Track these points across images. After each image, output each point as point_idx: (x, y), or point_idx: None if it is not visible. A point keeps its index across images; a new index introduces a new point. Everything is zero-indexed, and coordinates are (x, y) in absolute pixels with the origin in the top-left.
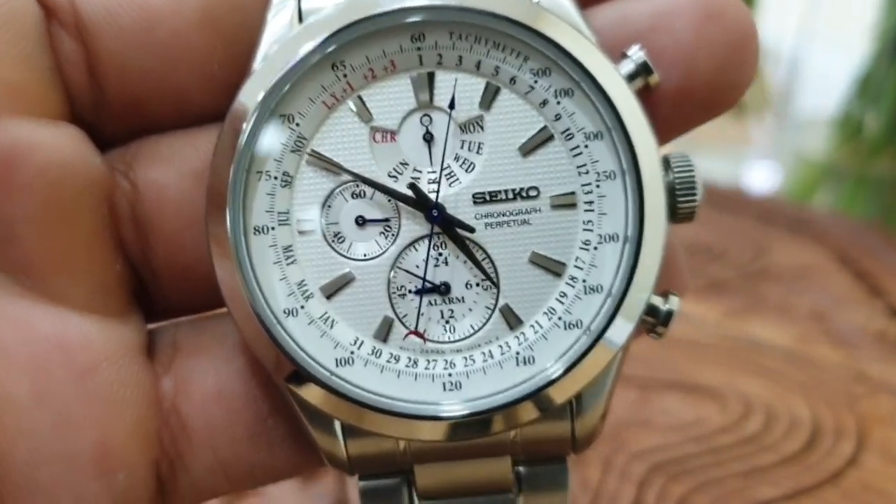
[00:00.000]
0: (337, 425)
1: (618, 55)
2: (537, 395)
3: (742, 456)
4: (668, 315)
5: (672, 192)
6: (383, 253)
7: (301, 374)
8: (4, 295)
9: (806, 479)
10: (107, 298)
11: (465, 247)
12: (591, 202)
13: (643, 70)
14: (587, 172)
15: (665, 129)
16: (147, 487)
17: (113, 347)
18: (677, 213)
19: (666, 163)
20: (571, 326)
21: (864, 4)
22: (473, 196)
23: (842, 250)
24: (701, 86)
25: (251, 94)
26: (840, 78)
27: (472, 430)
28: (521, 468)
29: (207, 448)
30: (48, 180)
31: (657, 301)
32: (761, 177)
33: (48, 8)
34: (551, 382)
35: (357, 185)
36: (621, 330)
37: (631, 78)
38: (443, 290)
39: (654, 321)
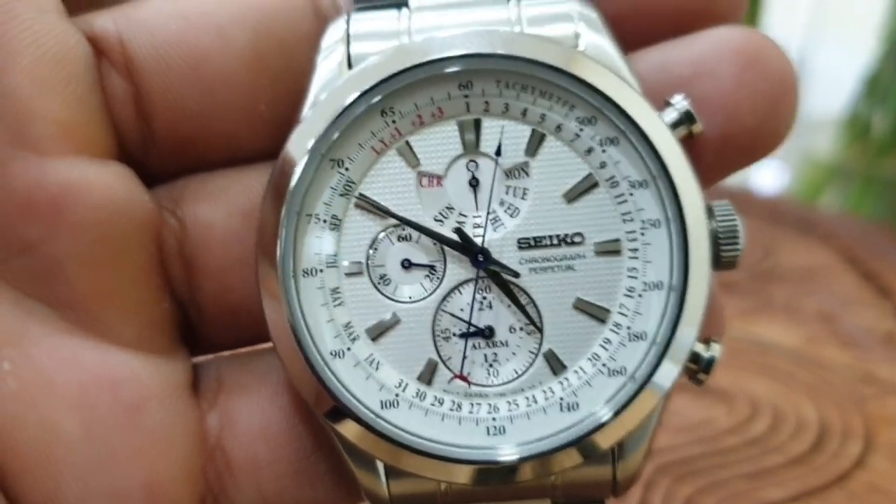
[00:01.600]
0: (380, 465)
1: (660, 101)
2: (582, 442)
3: (749, 457)
4: (710, 362)
5: (715, 241)
6: (429, 296)
7: (345, 415)
8: (53, 331)
9: (813, 481)
10: (154, 336)
11: (509, 291)
12: (635, 249)
13: (687, 119)
14: (632, 220)
15: (707, 176)
16: None
17: (160, 384)
18: (721, 260)
19: (709, 211)
20: (615, 373)
21: (871, 5)
22: (518, 241)
23: (849, 251)
24: (743, 133)
25: (301, 140)
26: (847, 78)
27: (515, 474)
28: None
29: (252, 484)
30: (98, 219)
31: (700, 348)
32: (768, 177)
33: (98, 46)
34: (597, 428)
35: (403, 229)
36: (666, 376)
37: (675, 126)
38: (487, 333)
39: (697, 368)
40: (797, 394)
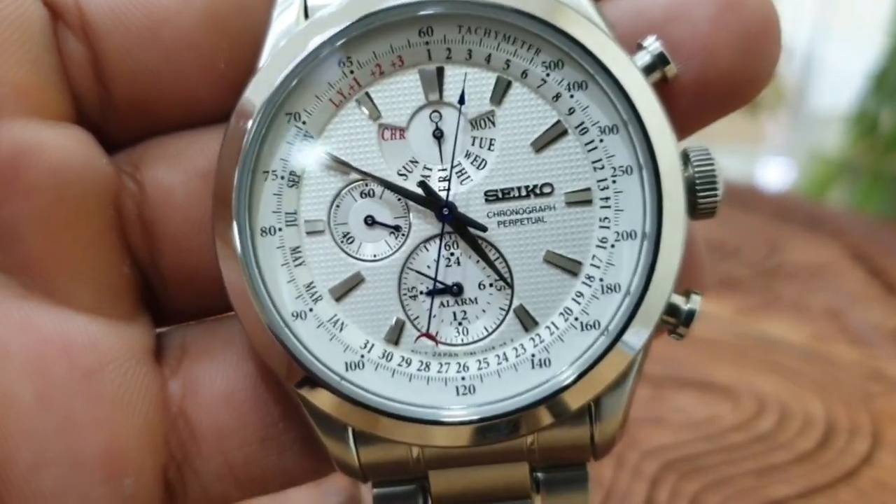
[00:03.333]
0: (348, 432)
1: (633, 46)
2: (552, 400)
3: (755, 454)
4: (690, 315)
5: (692, 188)
6: (394, 253)
7: (311, 380)
8: (7, 296)
9: (820, 478)
10: (113, 301)
11: (477, 246)
12: (607, 198)
13: (660, 61)
14: (603, 168)
15: (684, 123)
16: (154, 492)
17: (119, 350)
18: (697, 208)
19: (685, 157)
20: (589, 327)
21: (878, 1)
22: (485, 194)
23: (857, 247)
24: (720, 77)
25: (257, 92)
26: (855, 74)
27: (487, 435)
28: (539, 474)
29: (217, 452)
30: (54, 182)
31: (678, 300)
32: (775, 174)
33: (54, 9)
34: (566, 387)
35: (366, 185)
36: (640, 332)
37: (647, 70)
38: (455, 290)
39: (676, 321)
40: (804, 391)
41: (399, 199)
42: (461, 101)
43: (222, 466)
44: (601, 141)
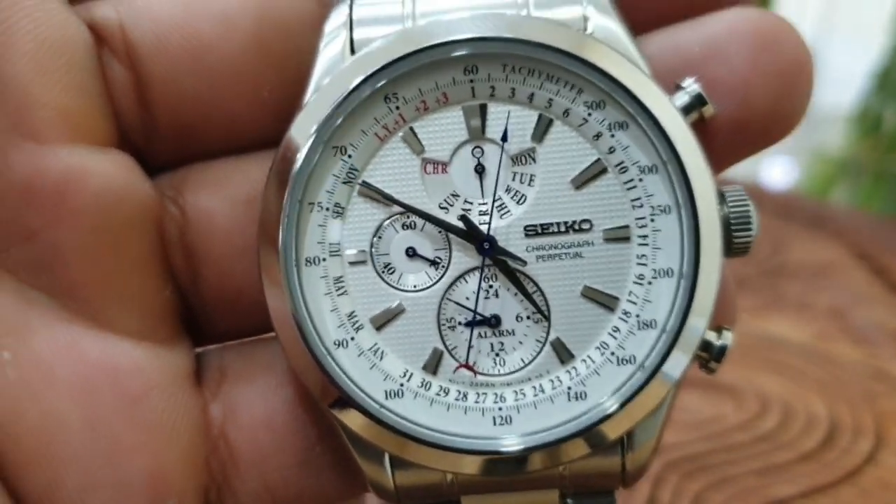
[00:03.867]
0: (385, 456)
1: (670, 84)
2: (590, 432)
3: (758, 453)
4: (722, 350)
5: (727, 227)
6: (434, 284)
7: (349, 405)
8: (54, 321)
9: (823, 477)
10: (156, 325)
11: (516, 279)
12: (645, 236)
13: (698, 102)
14: (641, 206)
15: (719, 160)
16: None
17: (162, 374)
18: (732, 247)
19: (721, 196)
20: (625, 362)
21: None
22: (525, 228)
23: (860, 246)
24: (756, 117)
25: (304, 126)
26: (858, 73)
27: (523, 465)
28: (569, 500)
29: (256, 474)
30: (98, 207)
31: (711, 336)
32: (779, 173)
33: (98, 33)
34: (605, 418)
35: (408, 217)
36: (677, 365)
37: (686, 110)
38: (493, 322)
39: (708, 356)
40: (807, 390)
41: (440, 232)
42: (504, 138)
43: (261, 488)
44: (640, 180)
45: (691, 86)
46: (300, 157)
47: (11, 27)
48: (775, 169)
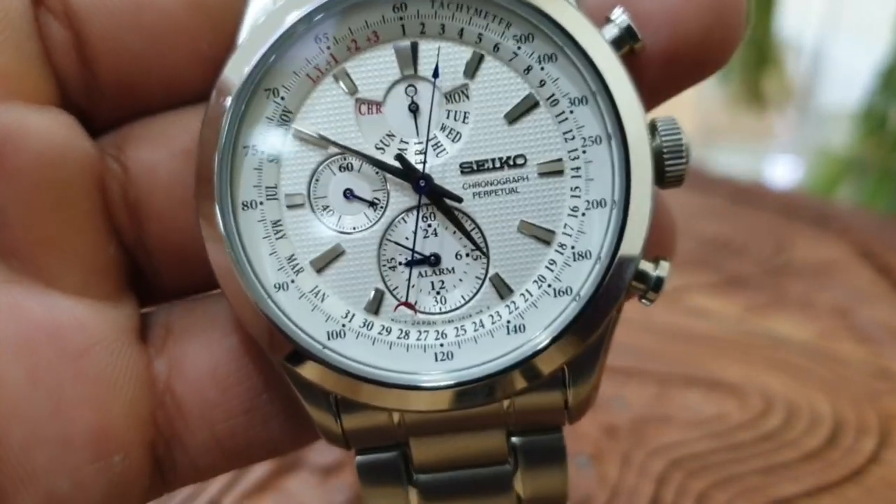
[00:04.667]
0: (331, 400)
1: (600, 18)
2: (526, 364)
3: (762, 452)
4: (659, 281)
5: (660, 157)
6: (373, 225)
7: (295, 350)
8: None
9: (827, 476)
10: (100, 282)
11: (453, 217)
12: (577, 168)
13: (627, 34)
14: (573, 138)
15: (653, 93)
16: (144, 468)
17: (106, 331)
18: (665, 177)
19: (653, 127)
20: (561, 293)
21: None
22: (461, 166)
23: (864, 245)
24: (689, 48)
25: (236, 69)
26: (863, 71)
27: (464, 399)
28: (516, 439)
29: (203, 426)
30: (38, 165)
31: (647, 267)
32: (783, 171)
33: None
34: (539, 352)
35: (344, 158)
36: (611, 296)
37: (616, 43)
38: (433, 261)
39: (645, 287)
40: (811, 389)
41: (377, 172)
42: (435, 74)
43: (209, 439)
44: (571, 112)
45: (620, 17)
46: (232, 100)
47: None
48: (779, 167)
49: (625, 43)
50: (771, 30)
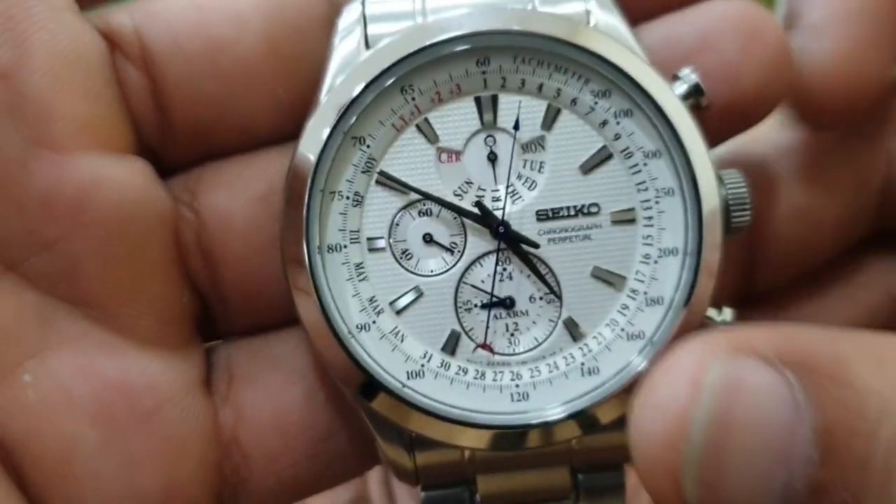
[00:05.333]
0: (406, 438)
1: (668, 74)
2: (602, 406)
3: None
4: (724, 326)
5: (726, 208)
6: (450, 269)
7: (375, 388)
8: (72, 336)
9: None
10: (173, 330)
11: (529, 262)
12: (650, 217)
13: (695, 91)
14: (646, 189)
15: (710, 141)
16: None
17: (175, 387)
18: (731, 227)
19: (719, 179)
20: (634, 337)
21: None
22: (537, 213)
23: None
24: (745, 101)
25: (324, 117)
26: None
27: (539, 439)
28: (580, 475)
29: (269, 473)
30: (116, 216)
31: (712, 313)
32: None
33: (112, 41)
34: (618, 392)
35: (424, 204)
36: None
37: (684, 98)
38: (508, 304)
39: None
40: None
41: (455, 218)
42: (516, 126)
43: (274, 485)
44: (645, 164)
45: (689, 76)
46: (321, 147)
47: (27, 39)
48: None
49: (692, 97)
50: None
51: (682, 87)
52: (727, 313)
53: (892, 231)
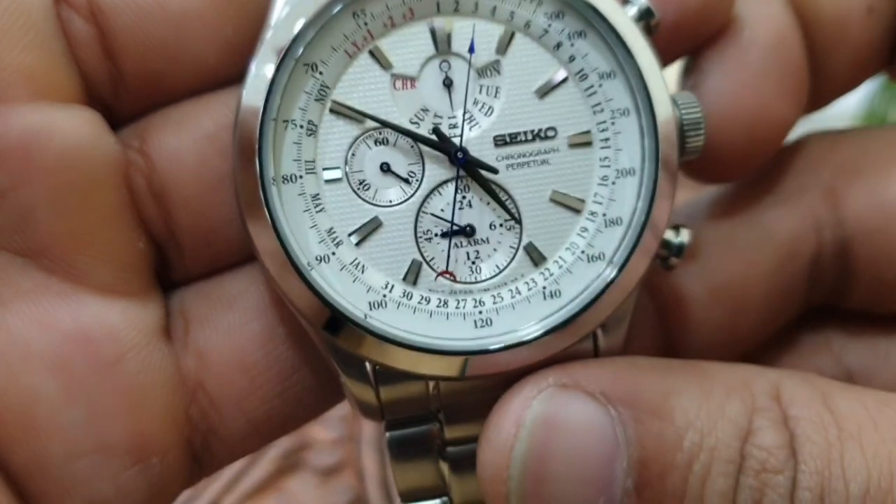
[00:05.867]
0: (370, 372)
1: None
2: (566, 326)
3: None
4: (680, 247)
5: (681, 129)
6: (409, 198)
7: (338, 320)
8: (28, 289)
9: None
10: (130, 278)
11: (489, 188)
12: (607, 139)
13: (646, 13)
14: (602, 111)
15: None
16: (182, 464)
17: (136, 336)
18: (685, 150)
19: (674, 102)
20: (594, 259)
21: None
22: (494, 139)
23: None
24: (692, 17)
25: (276, 42)
26: None
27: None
28: None
29: (238, 416)
30: (64, 163)
31: (670, 235)
32: None
33: None
34: (579, 313)
35: (380, 132)
36: (641, 260)
37: (636, 20)
38: (468, 231)
39: (668, 253)
40: None
41: (412, 146)
42: (471, 50)
43: (245, 426)
44: (600, 86)
45: None
46: (273, 74)
47: None
48: None
49: (642, 20)
50: None
51: (632, 9)
52: (685, 234)
53: (830, 306)
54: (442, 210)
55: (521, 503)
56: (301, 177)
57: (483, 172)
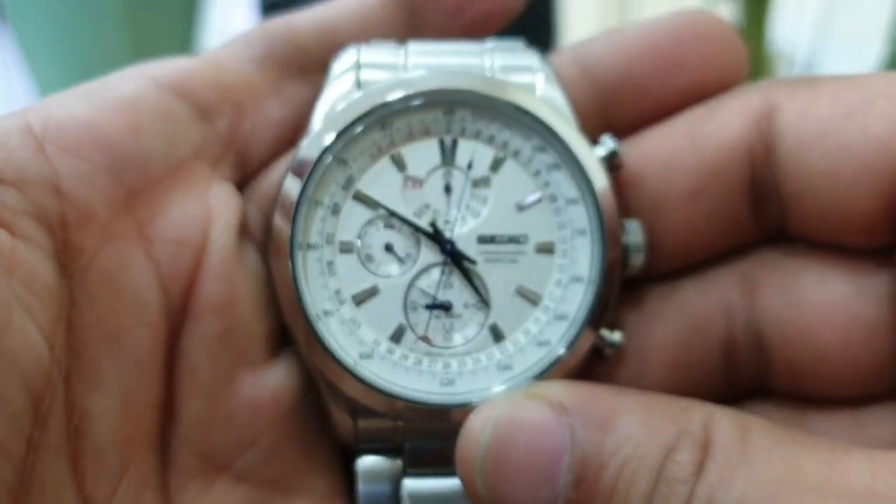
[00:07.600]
0: (351, 406)
1: (594, 137)
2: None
3: None
4: (613, 343)
5: (625, 250)
6: (404, 274)
7: (335, 363)
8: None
9: None
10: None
11: (467, 275)
12: (565, 250)
13: (612, 154)
14: (565, 228)
15: None
16: None
17: None
18: (627, 266)
19: (622, 227)
20: (542, 344)
21: (879, 7)
22: (478, 237)
23: None
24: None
25: (319, 140)
26: None
27: (455, 415)
28: None
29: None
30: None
31: (605, 333)
32: None
33: None
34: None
35: (389, 220)
36: (579, 348)
37: (604, 159)
38: (447, 307)
39: (602, 345)
40: None
41: (413, 234)
42: (469, 166)
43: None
44: (566, 209)
45: (608, 142)
46: (313, 163)
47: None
48: None
49: (608, 159)
50: (764, 41)
51: (602, 150)
52: (617, 335)
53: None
54: (428, 287)
55: (483, 478)
56: (322, 246)
57: (465, 262)
